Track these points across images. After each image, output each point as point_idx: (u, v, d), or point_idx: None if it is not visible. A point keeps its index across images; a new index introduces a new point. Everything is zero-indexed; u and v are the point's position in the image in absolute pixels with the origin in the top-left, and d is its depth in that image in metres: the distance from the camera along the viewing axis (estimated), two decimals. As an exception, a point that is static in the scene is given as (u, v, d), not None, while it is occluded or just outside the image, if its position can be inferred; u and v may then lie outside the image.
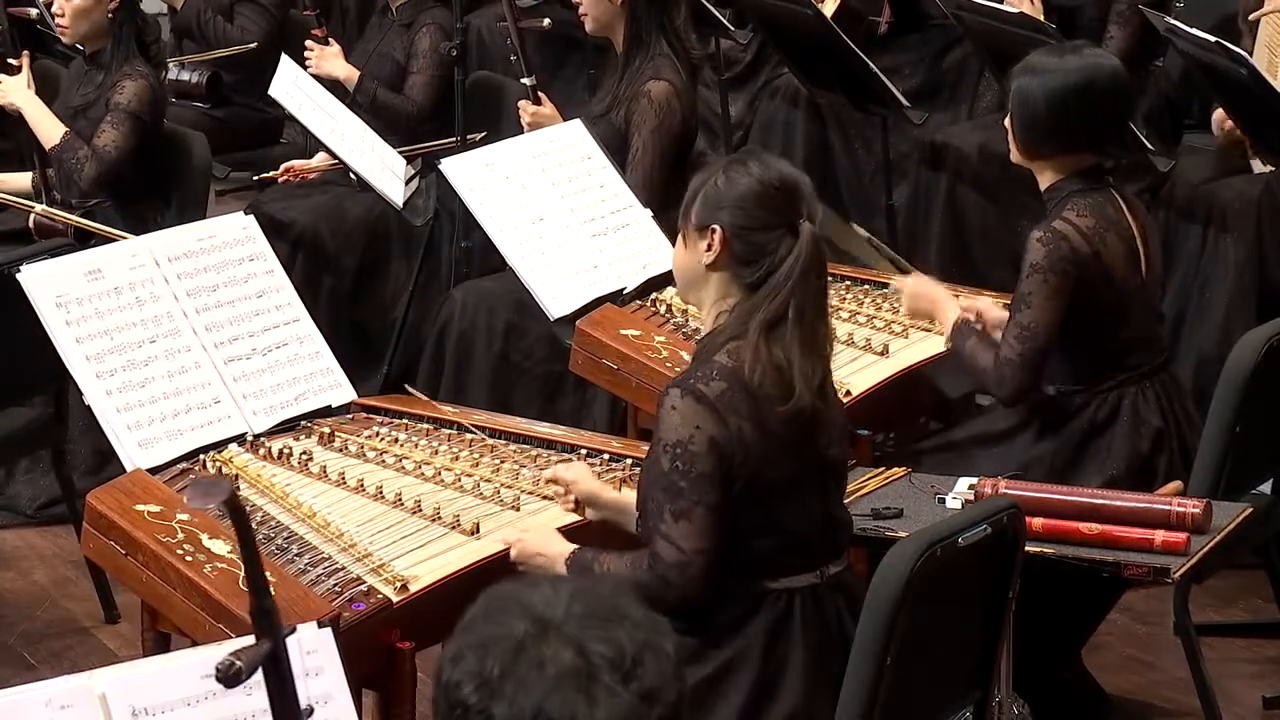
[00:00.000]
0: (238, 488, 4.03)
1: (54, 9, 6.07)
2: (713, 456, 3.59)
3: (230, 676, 2.35)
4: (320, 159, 6.60)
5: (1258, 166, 5.71)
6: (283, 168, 6.68)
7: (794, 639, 3.71)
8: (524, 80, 6.06)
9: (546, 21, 6.33)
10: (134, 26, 6.15)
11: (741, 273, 3.69)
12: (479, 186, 5.38)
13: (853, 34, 6.52)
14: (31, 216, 5.97)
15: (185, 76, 7.48)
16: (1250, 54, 5.57)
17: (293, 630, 2.43)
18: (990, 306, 4.94)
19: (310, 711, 2.44)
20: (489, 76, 6.85)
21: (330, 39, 6.69)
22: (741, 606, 3.70)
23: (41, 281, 4.32)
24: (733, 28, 7.11)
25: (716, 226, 3.70)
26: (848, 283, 5.35)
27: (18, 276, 4.34)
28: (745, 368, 3.62)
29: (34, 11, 6.54)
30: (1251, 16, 5.69)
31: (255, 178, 6.91)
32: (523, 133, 5.90)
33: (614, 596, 2.15)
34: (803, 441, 3.69)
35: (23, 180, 6.21)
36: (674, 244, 3.90)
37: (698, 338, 3.93)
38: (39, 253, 4.92)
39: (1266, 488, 4.86)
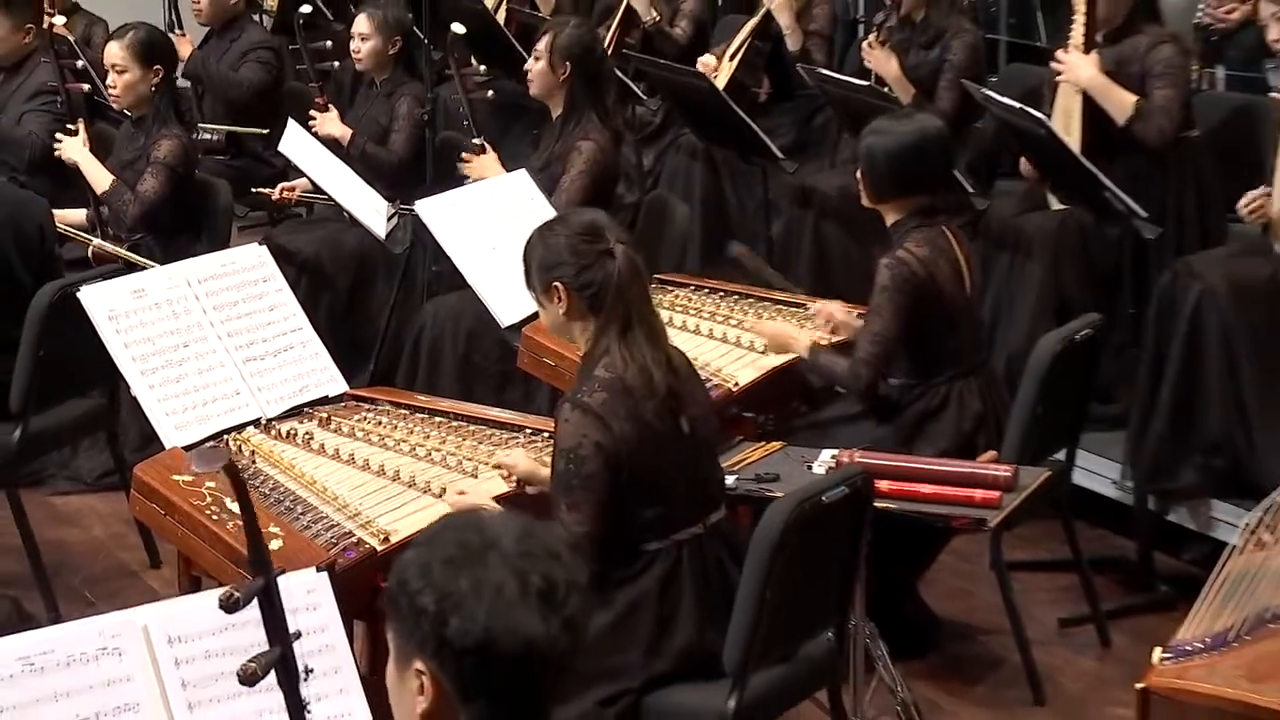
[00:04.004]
0: (233, 457, 3.99)
1: (109, 81, 6.04)
2: (599, 458, 3.59)
3: (230, 605, 2.36)
4: (304, 182, 6.60)
5: (1054, 203, 5.74)
6: (279, 188, 6.69)
7: (684, 583, 3.70)
8: (474, 140, 6.08)
9: (490, 93, 6.38)
10: (171, 97, 6.12)
11: (589, 304, 3.69)
12: (446, 222, 5.38)
13: (739, 101, 6.53)
14: (90, 248, 5.96)
15: (208, 137, 7.42)
16: (1050, 117, 5.60)
17: (282, 571, 2.43)
18: (840, 308, 4.98)
19: (299, 635, 2.44)
20: (454, 136, 6.81)
21: (330, 105, 6.67)
22: (638, 563, 3.70)
23: (97, 299, 4.32)
24: (645, 97, 7.11)
25: (557, 283, 3.70)
26: (735, 297, 5.35)
27: (79, 295, 4.34)
28: (621, 375, 3.63)
29: (86, 86, 6.51)
30: (1057, 79, 5.70)
31: (253, 189, 6.89)
32: (468, 179, 5.91)
33: (552, 538, 2.17)
34: (674, 425, 3.69)
35: (78, 215, 6.19)
36: None
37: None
38: (95, 276, 4.89)
39: (1061, 455, 4.90)
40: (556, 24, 6.01)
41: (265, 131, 7.33)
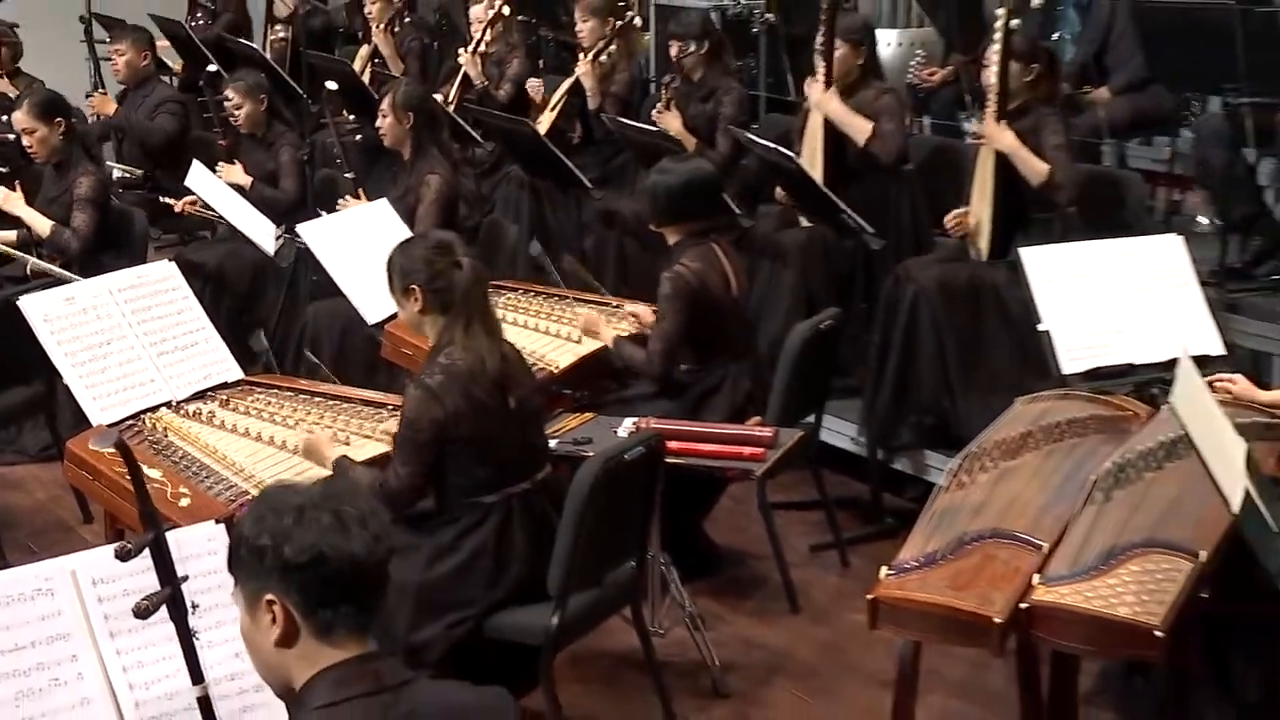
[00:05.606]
0: (124, 436, 3.89)
1: (25, 143, 5.89)
2: (432, 430, 3.57)
3: (124, 555, 2.33)
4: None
5: (803, 222, 5.79)
6: (183, 201, 6.51)
7: (516, 528, 3.68)
8: (347, 175, 5.99)
9: (358, 137, 6.31)
10: (77, 139, 5.96)
11: (438, 305, 3.65)
12: (323, 242, 5.29)
13: (558, 143, 6.50)
14: (28, 266, 5.77)
15: (127, 175, 7.22)
16: (798, 155, 5.65)
17: (173, 526, 2.39)
18: (645, 310, 4.97)
19: (186, 578, 2.39)
20: (331, 173, 6.72)
21: (235, 159, 6.52)
22: (477, 514, 3.67)
23: (35, 306, 4.20)
24: (481, 140, 7.06)
25: (414, 286, 3.66)
26: (556, 298, 5.33)
27: (19, 303, 4.21)
28: (457, 361, 3.60)
29: (11, 136, 6.32)
30: (807, 105, 5.76)
31: (161, 199, 6.70)
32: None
33: (351, 490, 2.23)
34: (502, 400, 3.66)
35: (10, 235, 6.00)
36: None
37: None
38: (34, 288, 4.76)
39: (811, 419, 4.95)
40: (392, 85, 5.95)
41: (142, 173, 7.13)
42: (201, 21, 9.47)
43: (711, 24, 6.63)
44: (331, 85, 6.51)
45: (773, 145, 5.59)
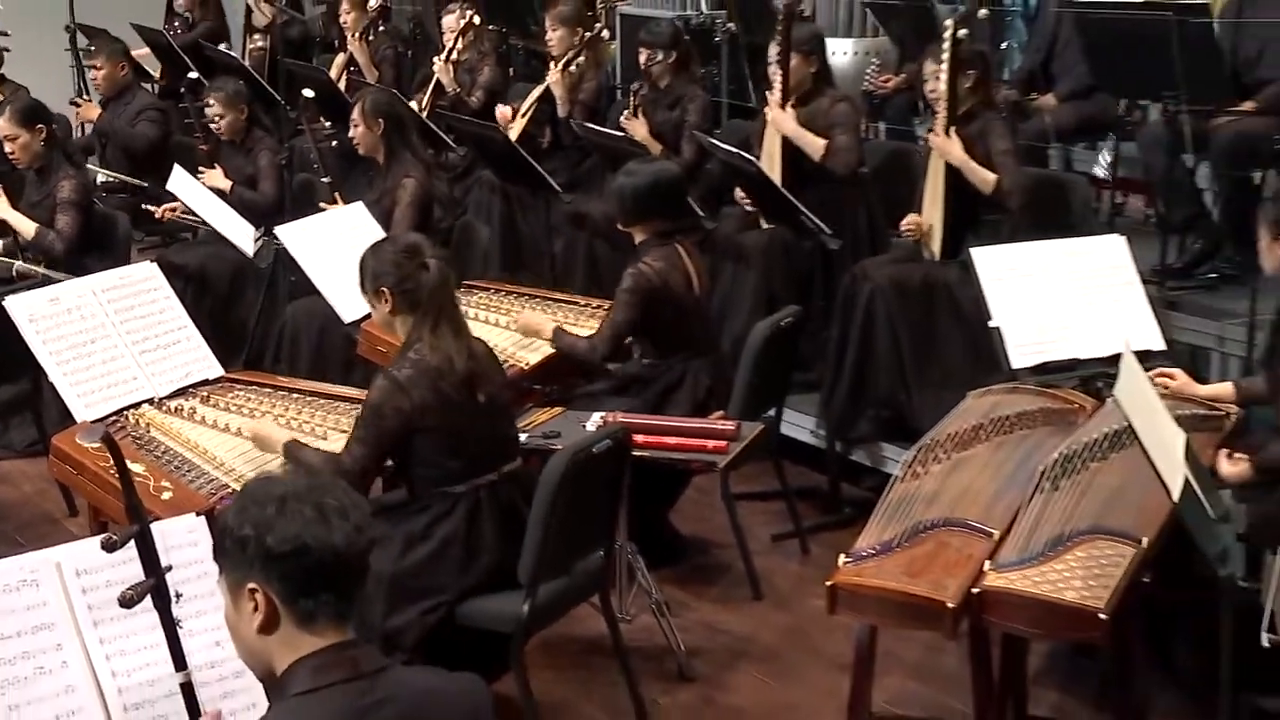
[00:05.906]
0: (111, 431, 3.86)
1: (7, 149, 5.85)
2: (396, 420, 3.57)
3: (109, 546, 2.32)
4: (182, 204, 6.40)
5: (764, 223, 5.79)
6: (163, 208, 6.45)
7: (485, 518, 3.67)
8: (324, 180, 5.96)
9: (334, 143, 6.28)
10: (58, 145, 5.93)
11: (407, 304, 3.65)
12: (301, 243, 5.27)
13: (528, 148, 6.48)
14: (14, 268, 5.74)
15: (112, 180, 7.18)
16: (759, 159, 5.66)
17: (157, 518, 2.37)
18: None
19: (169, 568, 2.38)
20: (309, 177, 6.69)
21: (216, 164, 6.48)
22: (446, 503, 3.66)
23: (20, 306, 4.17)
24: (454, 145, 7.04)
25: (383, 288, 3.65)
26: (526, 297, 5.32)
27: (4, 304, 4.18)
28: (427, 358, 3.59)
29: None
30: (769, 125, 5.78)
31: (143, 205, 6.66)
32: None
33: (332, 481, 2.22)
34: (470, 396, 3.66)
35: None
36: None
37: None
38: (19, 289, 4.72)
39: (772, 412, 4.95)
40: (361, 94, 5.92)
41: (141, 184, 7.09)
42: (179, 30, 9.42)
43: (680, 34, 6.63)
44: (308, 92, 6.49)
45: (734, 150, 5.59)
